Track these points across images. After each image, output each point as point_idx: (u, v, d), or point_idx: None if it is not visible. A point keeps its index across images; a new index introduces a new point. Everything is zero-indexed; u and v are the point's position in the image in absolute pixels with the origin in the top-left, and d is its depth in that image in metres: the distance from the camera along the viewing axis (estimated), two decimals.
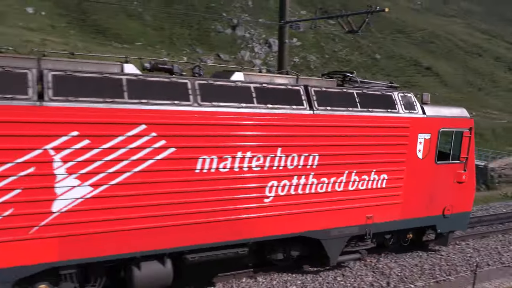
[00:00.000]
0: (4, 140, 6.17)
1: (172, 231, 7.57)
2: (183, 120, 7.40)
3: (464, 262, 11.19)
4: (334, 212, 9.22)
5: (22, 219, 6.42)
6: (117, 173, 7.00)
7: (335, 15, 12.90)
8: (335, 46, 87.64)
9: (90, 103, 6.75)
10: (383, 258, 10.91)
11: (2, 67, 6.31)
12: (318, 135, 8.68)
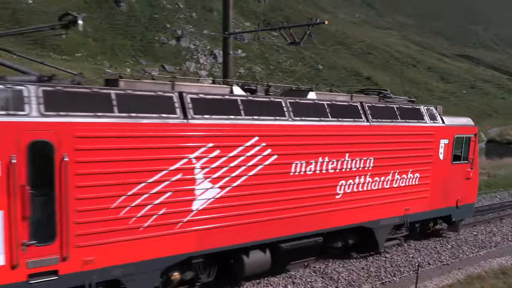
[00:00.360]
0: (161, 151, 7.52)
1: (272, 224, 9.08)
2: (282, 132, 9.00)
3: (407, 263, 11.67)
4: (383, 206, 11.20)
5: (172, 217, 7.75)
6: (237, 177, 8.43)
7: (278, 27, 13.17)
8: (280, 57, 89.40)
9: (219, 119, 8.19)
10: (331, 263, 11.13)
11: (154, 92, 7.68)
12: (373, 142, 10.63)
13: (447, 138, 12.49)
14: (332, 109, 10.03)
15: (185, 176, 7.80)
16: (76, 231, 6.78)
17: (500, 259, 12.40)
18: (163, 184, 7.58)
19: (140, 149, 7.32)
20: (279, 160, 8.96)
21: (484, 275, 10.71)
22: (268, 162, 8.81)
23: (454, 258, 12.29)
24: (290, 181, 9.19)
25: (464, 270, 11.46)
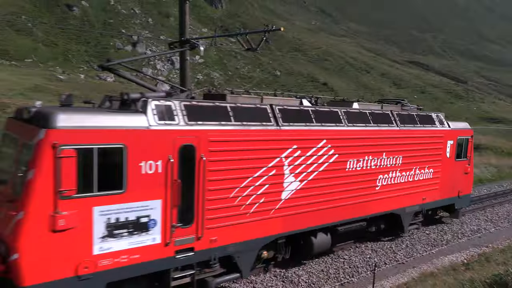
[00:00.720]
0: (262, 152, 9.37)
1: (333, 211, 11.06)
2: (340, 135, 11.01)
3: (365, 263, 11.96)
4: (408, 196, 13.47)
5: (268, 205, 9.59)
6: (311, 172, 10.39)
7: (235, 33, 13.21)
8: (237, 63, 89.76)
9: (298, 126, 10.12)
10: (291, 267, 11.22)
11: (254, 104, 9.65)
12: (401, 143, 12.92)
13: (452, 140, 15.09)
14: (372, 117, 12.31)
15: (278, 171, 9.73)
16: (207, 216, 8.58)
17: (451, 256, 12.95)
18: (263, 178, 9.46)
19: (248, 150, 9.14)
20: (339, 159, 11.07)
21: (437, 272, 11.15)
22: (332, 160, 10.90)
23: (408, 257, 12.72)
24: (346, 176, 11.32)
25: (418, 268, 11.88)
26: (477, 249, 13.69)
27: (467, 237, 15.07)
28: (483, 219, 17.33)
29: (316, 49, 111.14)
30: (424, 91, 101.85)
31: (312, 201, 10.57)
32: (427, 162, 14.07)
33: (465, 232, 15.49)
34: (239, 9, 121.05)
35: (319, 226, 10.94)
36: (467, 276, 7.58)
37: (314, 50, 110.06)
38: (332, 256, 12.15)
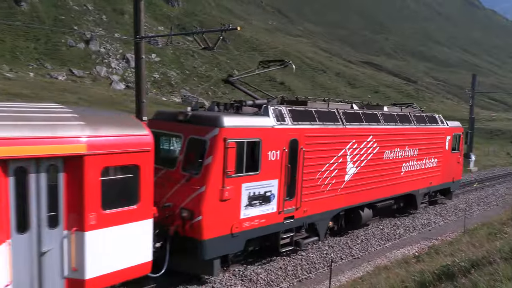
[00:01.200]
0: (334, 144, 12.22)
1: (374, 191, 14.32)
2: (380, 132, 14.16)
3: (322, 259, 12.19)
4: (420, 180, 16.90)
5: (337, 184, 12.62)
6: (363, 160, 13.50)
7: (191, 32, 13.10)
8: (195, 62, 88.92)
9: (355, 125, 13.15)
10: (250, 265, 11.27)
11: (328, 109, 12.72)
12: (417, 138, 16.24)
13: (449, 135, 18.60)
14: (399, 117, 15.59)
15: (343, 160, 12.71)
16: (303, 192, 11.56)
17: (403, 250, 13.45)
18: (335, 164, 12.47)
19: (327, 143, 12.10)
20: (379, 150, 14.18)
21: (390, 265, 11.53)
22: (375, 152, 13.99)
23: (363, 252, 13.08)
24: (383, 164, 14.50)
25: (373, 262, 12.25)
26: (427, 242, 14.29)
27: (418, 230, 15.70)
28: (433, 213, 18.10)
29: (273, 48, 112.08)
30: (378, 91, 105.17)
31: (362, 183, 13.76)
32: (433, 154, 17.61)
33: (416, 226, 16.13)
34: (196, 7, 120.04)
35: (365, 203, 14.25)
36: (417, 268, 7.91)
37: (271, 49, 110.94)
38: (290, 253, 12.31)
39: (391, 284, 7.13)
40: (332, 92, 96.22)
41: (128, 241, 7.67)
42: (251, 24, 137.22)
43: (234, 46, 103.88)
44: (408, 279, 7.12)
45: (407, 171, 16.02)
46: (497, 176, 29.56)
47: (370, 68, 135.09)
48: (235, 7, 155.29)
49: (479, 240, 10.06)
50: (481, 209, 19.65)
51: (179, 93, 73.09)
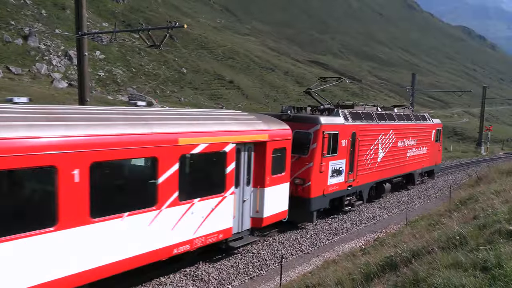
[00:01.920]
0: (374, 136, 17.83)
1: (391, 170, 19.70)
2: (396, 127, 19.54)
3: (272, 256, 12.34)
4: (417, 163, 22.75)
5: (373, 164, 18.02)
6: (386, 148, 18.69)
7: (136, 29, 12.78)
8: (142, 60, 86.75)
9: (382, 122, 18.53)
10: (201, 265, 11.20)
11: (366, 110, 18.12)
12: (416, 132, 21.95)
13: (434, 130, 24.85)
14: (405, 116, 21.40)
15: (377, 147, 18.07)
16: (358, 168, 16.73)
17: (351, 243, 13.90)
18: (373, 150, 17.76)
19: (369, 135, 17.22)
20: (395, 140, 19.76)
21: (338, 258, 11.86)
22: (393, 142, 19.51)
23: (313, 247, 13.38)
24: (397, 150, 20.16)
25: (322, 256, 12.56)
26: (373, 234, 14.85)
27: (364, 224, 16.28)
28: (377, 207, 18.85)
29: (221, 47, 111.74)
30: (325, 90, 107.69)
31: (386, 164, 19.20)
32: (424, 143, 23.53)
33: (362, 220, 16.73)
34: (142, 4, 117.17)
35: (387, 178, 19.77)
36: (363, 260, 8.20)
37: (220, 48, 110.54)
38: (241, 251, 12.36)
39: (339, 276, 7.35)
40: (280, 90, 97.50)
41: (280, 196, 12.85)
42: (199, 22, 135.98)
43: (182, 44, 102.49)
44: (354, 271, 7.36)
45: (410, 156, 21.93)
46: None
47: (317, 67, 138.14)
48: (183, 4, 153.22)
49: (420, 231, 10.59)
50: (421, 201, 20.69)
51: (126, 91, 71.05)
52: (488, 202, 9.75)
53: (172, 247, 9.47)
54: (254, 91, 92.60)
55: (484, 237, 6.10)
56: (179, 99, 74.22)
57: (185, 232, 9.74)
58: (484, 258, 5.20)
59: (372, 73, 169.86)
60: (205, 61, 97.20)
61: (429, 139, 24.03)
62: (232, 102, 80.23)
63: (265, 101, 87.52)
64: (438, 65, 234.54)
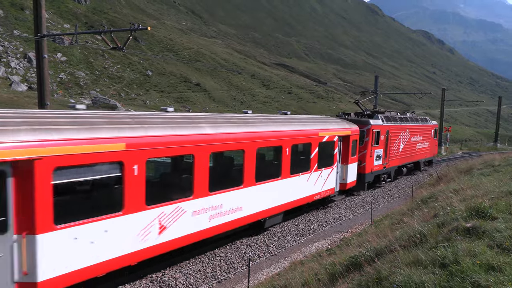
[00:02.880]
0: (398, 133, 25.48)
1: (407, 158, 27.38)
2: (410, 128, 27.24)
3: (240, 259, 12.33)
4: (422, 154, 30.45)
5: (397, 154, 25.65)
6: (404, 142, 26.33)
7: (98, 31, 12.49)
8: (105, 62, 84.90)
9: (402, 123, 26.25)
10: (168, 270, 11.06)
11: (391, 115, 26.11)
12: (421, 130, 29.49)
13: (433, 129, 32.12)
14: (415, 119, 28.44)
15: (399, 141, 25.25)
16: (389, 156, 24.19)
17: (317, 244, 14.08)
18: (397, 143, 25.08)
19: (395, 133, 24.75)
20: (410, 136, 26.85)
21: (305, 260, 12.01)
22: (408, 137, 26.69)
23: (280, 248, 13.47)
24: (410, 144, 27.21)
25: (289, 258, 12.65)
26: (338, 235, 15.10)
27: (330, 225, 16.53)
28: (343, 208, 19.19)
29: (187, 49, 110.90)
30: (291, 92, 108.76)
31: (404, 153, 26.29)
32: (427, 139, 30.93)
33: (329, 221, 16.98)
34: (105, 5, 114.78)
35: (404, 164, 27.16)
36: (329, 260, 8.33)
37: (186, 50, 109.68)
38: (209, 255, 12.30)
39: (305, 277, 7.43)
40: (247, 93, 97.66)
41: (354, 170, 20.38)
42: (164, 24, 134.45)
43: (147, 46, 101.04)
44: (320, 271, 7.47)
45: (418, 149, 29.46)
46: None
47: (283, 70, 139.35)
48: (148, 6, 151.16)
49: (383, 230, 10.85)
50: (385, 201, 21.22)
51: (89, 94, 69.29)
52: (447, 201, 10.11)
53: (313, 195, 16.66)
54: (221, 93, 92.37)
55: (443, 235, 6.32)
56: (144, 102, 73.06)
57: (319, 187, 16.94)
58: (442, 255, 5.38)
59: (337, 76, 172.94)
60: (171, 63, 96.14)
61: (430, 136, 31.83)
62: (198, 105, 79.72)
63: (232, 104, 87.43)
64: (400, 68, 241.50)
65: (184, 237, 10.46)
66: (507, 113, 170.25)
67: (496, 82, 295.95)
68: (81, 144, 7.61)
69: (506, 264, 4.74)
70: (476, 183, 12.74)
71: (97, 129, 8.18)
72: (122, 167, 8.45)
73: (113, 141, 8.22)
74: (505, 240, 5.53)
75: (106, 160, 8.10)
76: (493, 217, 6.83)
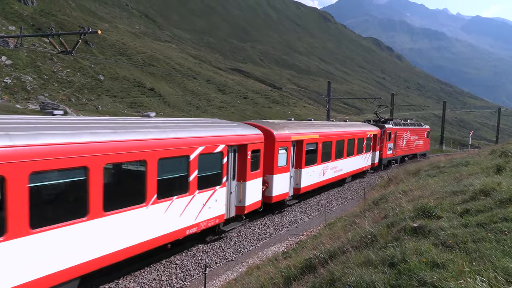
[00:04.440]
0: (401, 134, 39.22)
1: (408, 151, 41.17)
2: (410, 130, 41.17)
3: (196, 265, 12.21)
4: (418, 149, 44.40)
5: (401, 147, 39.05)
6: (407, 139, 40.24)
7: (46, 33, 12.01)
8: (54, 66, 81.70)
9: (406, 126, 40.58)
10: (121, 280, 10.77)
11: (397, 121, 41.29)
12: (418, 132, 43.80)
13: (426, 131, 46.71)
14: (413, 124, 43.41)
15: (403, 138, 38.96)
16: (396, 148, 37.55)
17: (274, 248, 14.19)
18: (401, 140, 38.58)
19: (401, 133, 38.50)
20: (410, 136, 40.75)
21: (261, 264, 12.07)
22: (409, 136, 40.52)
23: (237, 253, 13.46)
24: (410, 141, 41.15)
25: (246, 262, 12.67)
26: (294, 238, 15.29)
27: (286, 228, 16.71)
28: (298, 211, 19.47)
29: (141, 54, 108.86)
30: (246, 97, 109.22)
31: (406, 147, 39.73)
32: (422, 138, 44.27)
33: (285, 224, 17.17)
34: (54, 7, 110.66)
35: (405, 155, 40.28)
36: (285, 263, 8.43)
37: (139, 54, 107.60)
38: (164, 263, 12.09)
39: (261, 282, 7.48)
40: (202, 98, 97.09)
41: (377, 156, 34.13)
42: (117, 27, 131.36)
43: (99, 50, 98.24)
44: (276, 275, 7.54)
45: (415, 145, 42.12)
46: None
47: (239, 75, 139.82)
48: (99, 9, 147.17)
49: (337, 232, 11.11)
50: (339, 203, 21.74)
51: (37, 99, 66.37)
52: (397, 202, 10.52)
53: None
54: (176, 98, 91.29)
55: (392, 235, 6.57)
56: (96, 107, 70.92)
57: (365, 162, 30.72)
58: (391, 254, 5.60)
59: (292, 81, 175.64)
60: (124, 68, 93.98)
61: (424, 136, 45.45)
62: (153, 110, 78.30)
63: (188, 109, 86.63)
64: (352, 73, 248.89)
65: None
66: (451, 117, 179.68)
67: (441, 87, 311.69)
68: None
69: (449, 261, 5.00)
70: (423, 184, 13.33)
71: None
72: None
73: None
74: (449, 238, 5.83)
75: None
76: (438, 216, 7.17)
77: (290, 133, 18.28)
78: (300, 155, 19.33)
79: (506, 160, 13.37)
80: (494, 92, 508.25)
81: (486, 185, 8.33)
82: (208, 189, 12.51)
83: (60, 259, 7.96)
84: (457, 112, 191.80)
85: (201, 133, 12.25)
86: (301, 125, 20.54)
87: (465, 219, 6.64)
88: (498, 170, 11.35)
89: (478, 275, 4.34)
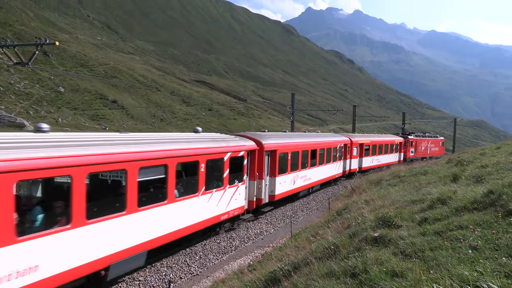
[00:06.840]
0: (413, 142, 55.68)
1: (420, 155, 55.13)
2: (423, 139, 57.15)
3: (160, 281, 11.96)
4: (434, 153, 59.28)
5: (420, 151, 55.86)
6: (420, 146, 56.23)
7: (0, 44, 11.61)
8: (11, 78, 78.78)
9: (416, 137, 56.34)
10: None
11: (410, 132, 59.70)
12: (434, 142, 61.23)
13: (441, 142, 63.81)
14: (431, 136, 62.66)
15: (418, 145, 54.52)
16: (416, 152, 54.91)
17: (239, 260, 14.10)
18: (418, 146, 54.89)
19: (417, 142, 54.55)
20: (427, 144, 57.34)
21: (227, 278, 11.95)
22: (426, 144, 57.01)
23: (202, 267, 13.29)
24: (427, 148, 56.70)
25: (211, 277, 12.51)
26: (260, 250, 15.26)
27: (252, 240, 16.66)
28: (264, 222, 19.48)
29: (103, 65, 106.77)
30: (211, 109, 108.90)
31: (419, 151, 54.17)
32: (437, 146, 61.20)
33: (250, 236, 17.12)
34: (10, 17, 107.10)
35: (423, 157, 53.56)
36: (250, 277, 8.39)
37: (101, 66, 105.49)
38: (127, 280, 11.78)
39: None
40: (167, 110, 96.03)
41: (401, 156, 50.62)
42: (77, 38, 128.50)
43: (58, 62, 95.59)
44: None
45: (431, 150, 58.21)
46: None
47: (204, 87, 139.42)
48: (59, 19, 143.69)
49: (301, 243, 11.18)
50: (304, 214, 21.91)
51: None
52: (359, 211, 10.71)
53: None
54: (140, 111, 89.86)
55: (354, 245, 6.68)
56: (56, 120, 68.75)
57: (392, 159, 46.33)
58: (353, 265, 5.69)
59: (256, 93, 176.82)
60: (85, 79, 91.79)
61: (439, 145, 60.06)
62: (116, 122, 76.76)
63: (152, 121, 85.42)
64: (315, 85, 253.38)
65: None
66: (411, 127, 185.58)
67: (400, 99, 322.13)
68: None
69: (408, 270, 5.13)
70: (384, 194, 13.65)
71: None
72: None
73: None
74: (408, 247, 5.99)
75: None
76: (398, 225, 7.36)
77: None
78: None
79: (461, 168, 13.93)
80: (450, 103, 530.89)
81: (442, 194, 8.63)
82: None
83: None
84: (416, 122, 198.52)
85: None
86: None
87: (423, 228, 6.84)
88: (454, 179, 11.80)
89: (435, 283, 4.47)
